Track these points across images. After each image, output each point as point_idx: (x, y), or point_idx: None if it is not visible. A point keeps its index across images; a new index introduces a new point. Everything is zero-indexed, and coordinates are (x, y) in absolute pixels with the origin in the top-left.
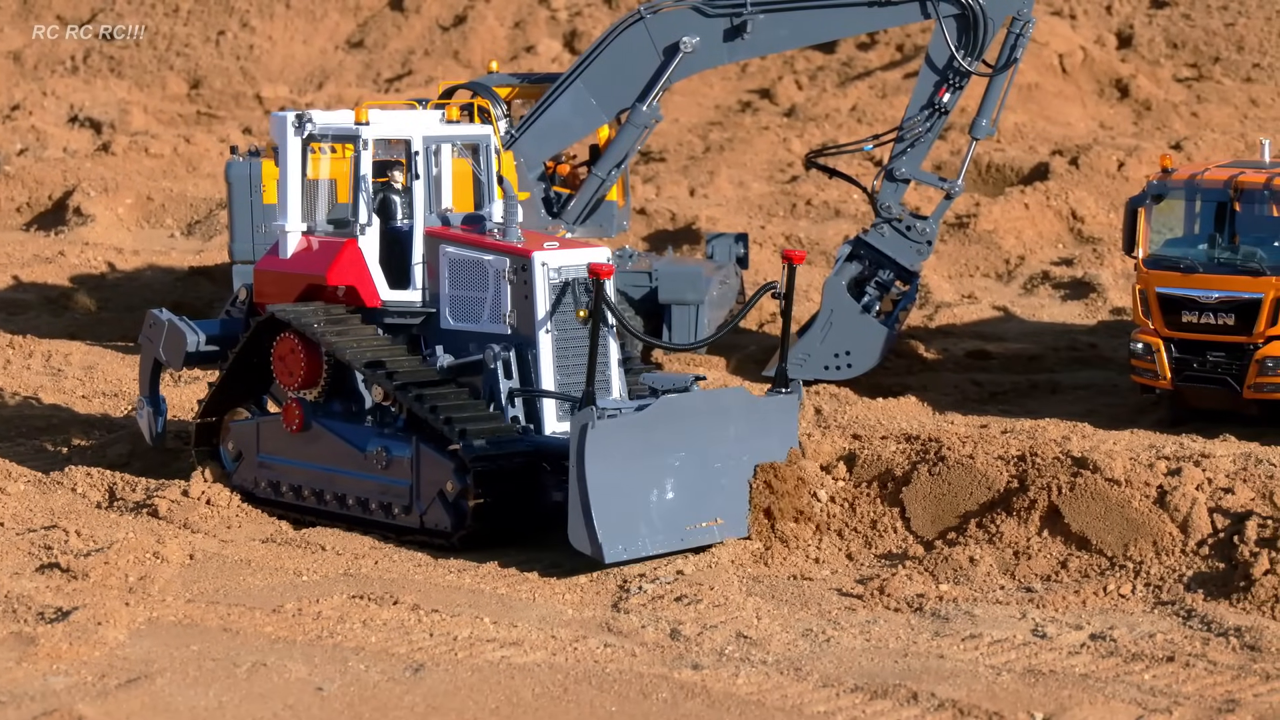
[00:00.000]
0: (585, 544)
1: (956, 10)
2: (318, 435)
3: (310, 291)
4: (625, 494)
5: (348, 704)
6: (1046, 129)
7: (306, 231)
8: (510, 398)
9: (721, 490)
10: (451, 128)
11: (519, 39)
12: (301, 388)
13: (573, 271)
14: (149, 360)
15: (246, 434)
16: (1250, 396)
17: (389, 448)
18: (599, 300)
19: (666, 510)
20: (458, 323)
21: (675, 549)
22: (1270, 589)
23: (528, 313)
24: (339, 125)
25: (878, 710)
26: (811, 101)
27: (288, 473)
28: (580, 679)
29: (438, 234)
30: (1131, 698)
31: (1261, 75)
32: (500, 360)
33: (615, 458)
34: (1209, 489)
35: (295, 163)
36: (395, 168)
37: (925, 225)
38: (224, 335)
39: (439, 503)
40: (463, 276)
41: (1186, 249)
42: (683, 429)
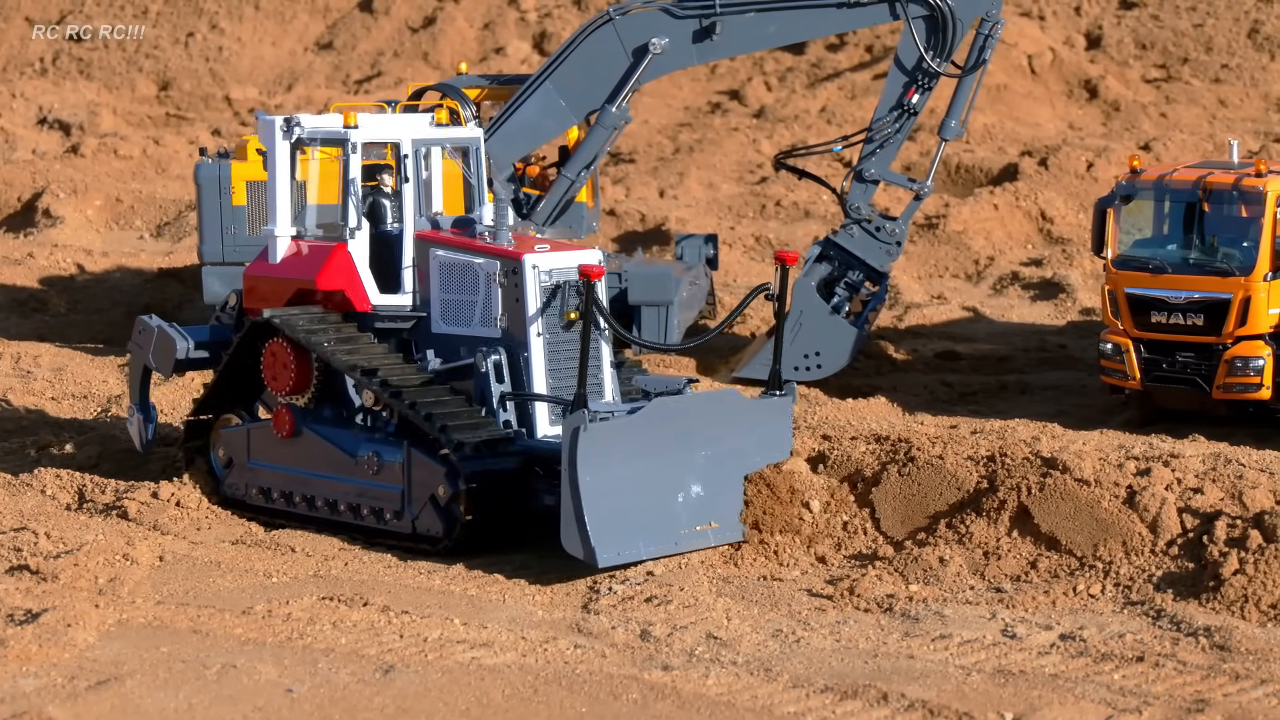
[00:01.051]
0: (578, 548)
1: (925, 11)
2: (308, 441)
3: (300, 296)
4: (618, 498)
5: (318, 706)
6: (1015, 130)
7: (296, 236)
8: (502, 401)
9: (716, 493)
10: (441, 131)
11: (488, 40)
12: (291, 393)
13: (564, 274)
14: (139, 367)
15: (237, 440)
16: (1219, 397)
17: (380, 453)
18: (590, 301)
19: (660, 514)
20: (448, 326)
21: (669, 553)
22: (1239, 589)
23: (519, 316)
24: (327, 129)
25: (848, 711)
26: (781, 103)
27: (279, 479)
28: (550, 680)
29: (428, 237)
30: (1101, 698)
31: (1230, 76)
32: (491, 364)
33: (608, 461)
34: (1178, 489)
35: (284, 167)
36: (385, 171)
37: (894, 226)
38: (213, 341)
39: (430, 508)
40: (453, 280)
41: (1155, 250)
42: (676, 432)
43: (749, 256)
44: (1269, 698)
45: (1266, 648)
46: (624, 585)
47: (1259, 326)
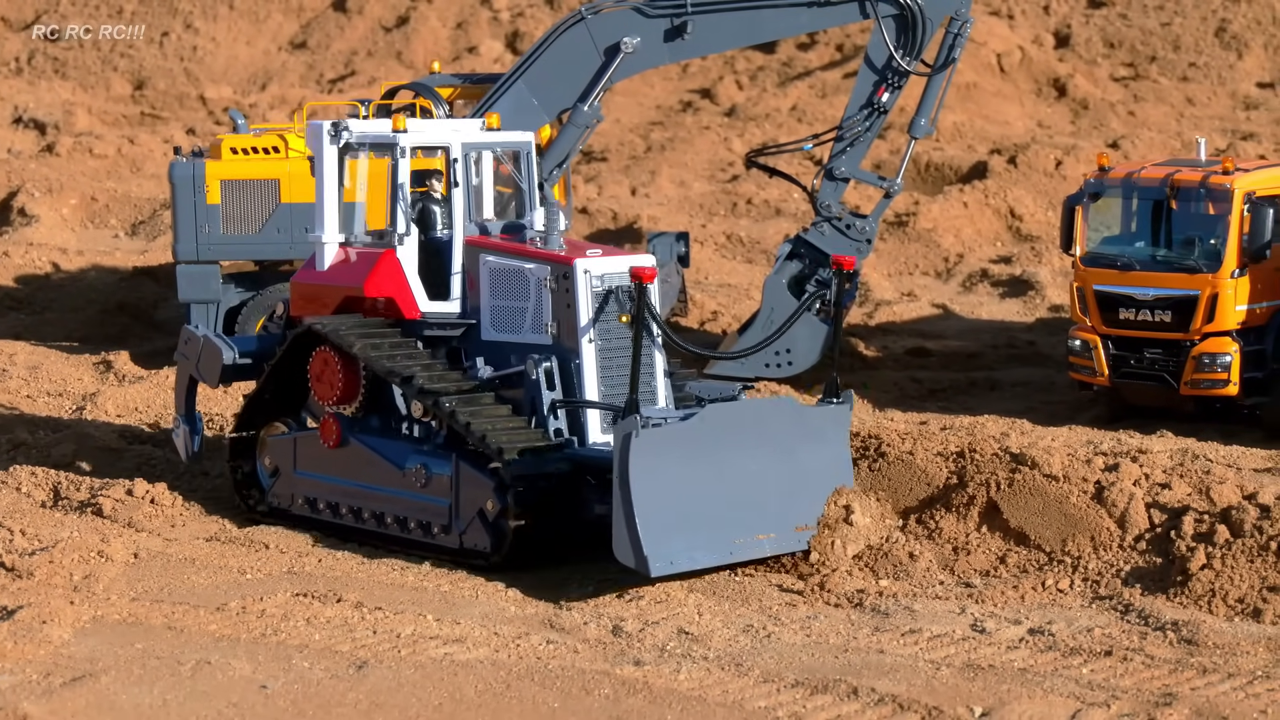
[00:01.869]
0: (630, 557)
1: (895, 10)
2: (355, 451)
3: (348, 304)
4: (671, 505)
5: (292, 702)
6: (985, 128)
7: (344, 243)
8: (553, 409)
9: (770, 503)
10: (492, 135)
11: (461, 40)
12: (339, 403)
13: (615, 279)
14: (184, 377)
15: (283, 449)
16: (1187, 393)
17: (428, 465)
18: (641, 304)
19: (713, 522)
20: (498, 334)
21: (723, 562)
22: (1207, 583)
23: (570, 322)
24: (375, 133)
25: (818, 705)
26: (752, 101)
27: (325, 489)
28: (523, 675)
29: (477, 243)
30: (1070, 691)
31: (1197, 74)
32: (542, 371)
33: (660, 468)
34: (1146, 485)
35: (332, 173)
36: (434, 176)
37: (865, 224)
38: (260, 350)
39: (479, 522)
40: (503, 286)
41: (1123, 247)
42: (729, 439)
43: (720, 254)
44: (1236, 691)
45: (1234, 642)
46: (595, 581)
47: (1226, 323)
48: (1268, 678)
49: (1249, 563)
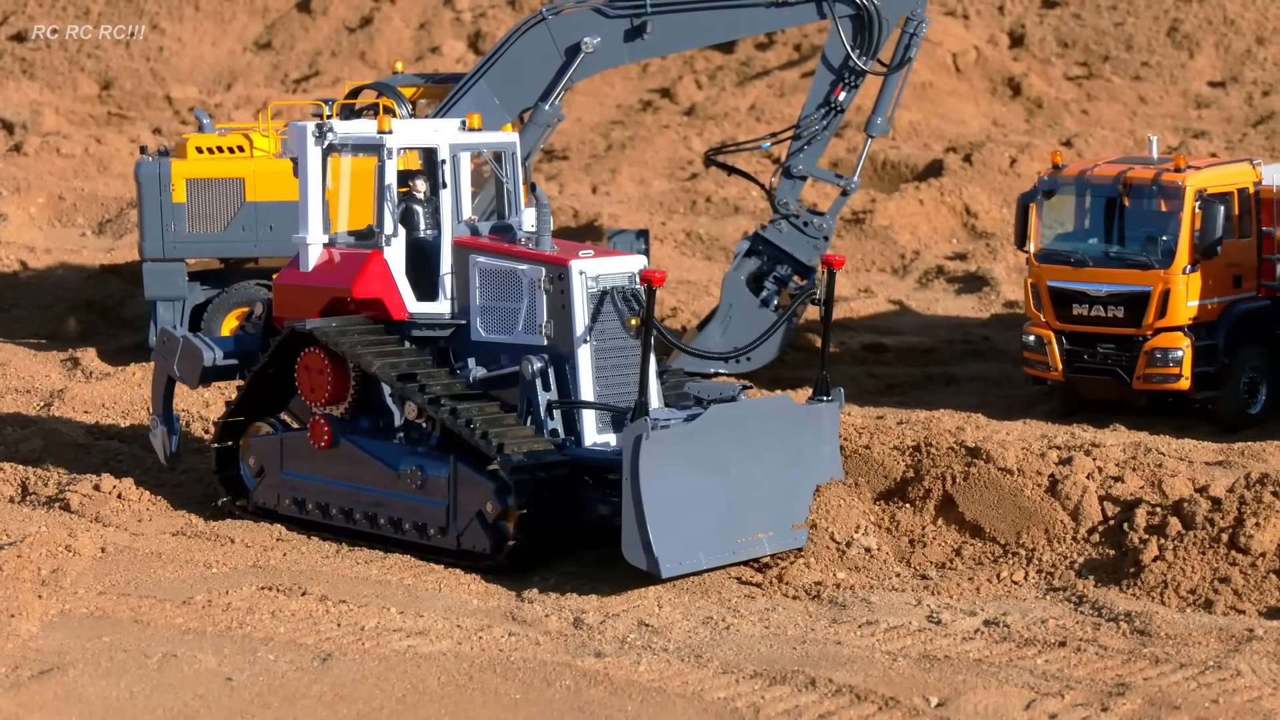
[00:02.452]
0: (641, 559)
1: (852, 11)
2: (346, 452)
3: (335, 305)
4: (679, 507)
5: (257, 693)
6: (941, 126)
7: (328, 244)
8: (549, 409)
9: (772, 500)
10: (477, 135)
11: (424, 40)
12: (328, 403)
13: (610, 280)
14: (162, 378)
15: (269, 449)
16: (1139, 387)
17: (424, 467)
18: (651, 307)
19: (719, 522)
20: (490, 334)
21: (728, 562)
22: (1159, 575)
23: (565, 323)
24: (360, 134)
25: (776, 696)
26: (711, 100)
27: (314, 490)
28: (485, 667)
29: (467, 244)
30: (1024, 682)
31: (1150, 74)
32: (537, 371)
33: (669, 469)
34: (1099, 478)
35: (316, 174)
36: (417, 176)
37: (822, 221)
38: (239, 351)
39: (478, 524)
40: (495, 287)
41: (1077, 243)
42: (732, 439)
43: (680, 251)
44: (1188, 681)
45: (1185, 632)
46: (557, 574)
47: (1178, 318)
48: (1219, 668)
49: (1200, 555)
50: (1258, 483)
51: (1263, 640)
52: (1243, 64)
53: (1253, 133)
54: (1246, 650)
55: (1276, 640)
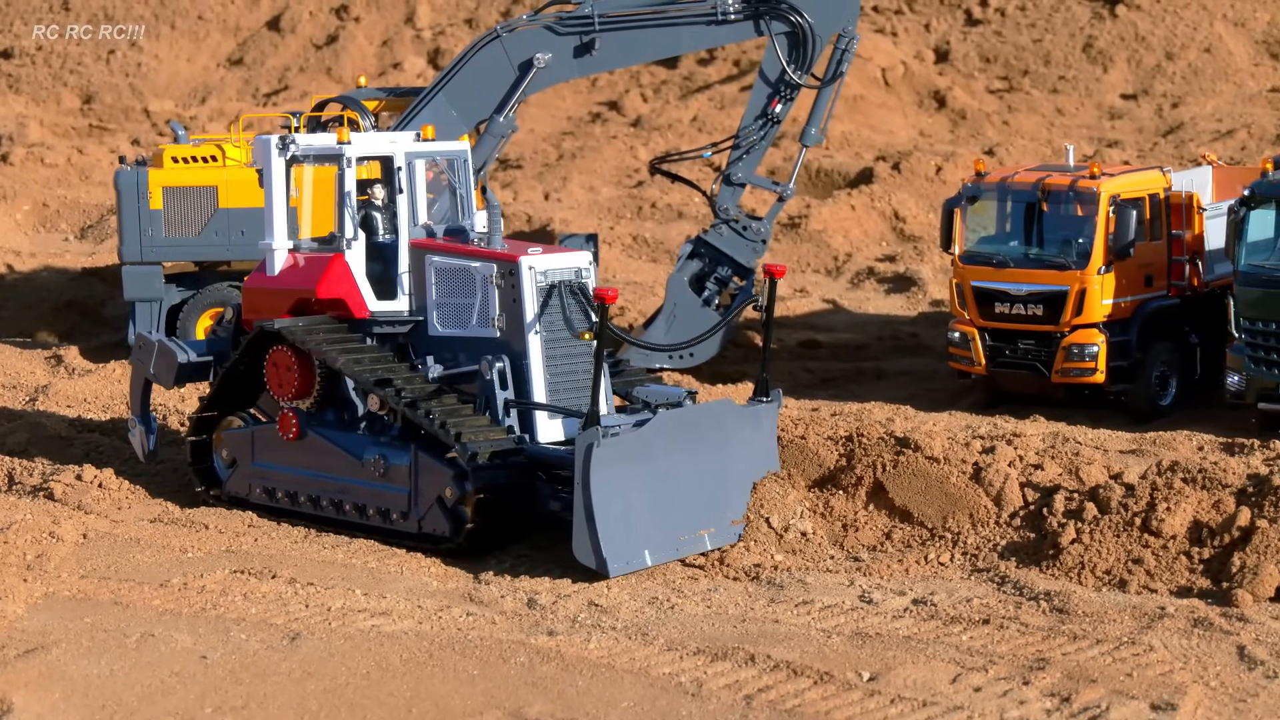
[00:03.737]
0: (590, 559)
1: (787, 28)
2: (313, 443)
3: (300, 306)
4: (627, 510)
5: (230, 671)
6: (871, 137)
7: (293, 248)
8: (506, 408)
9: (713, 499)
10: (430, 144)
11: (387, 56)
12: (296, 398)
13: (558, 274)
14: (140, 380)
15: (241, 442)
16: (1058, 381)
17: (386, 456)
18: (603, 323)
19: (664, 522)
20: (446, 329)
21: (672, 559)
22: (1076, 556)
23: (516, 316)
24: (321, 146)
25: (718, 671)
26: (656, 112)
27: (283, 479)
28: (444, 645)
29: (423, 245)
30: (950, 657)
31: (1066, 87)
32: (496, 371)
33: (618, 475)
34: (1020, 465)
35: (280, 183)
36: (374, 184)
37: (760, 225)
38: (211, 352)
39: (438, 508)
40: (450, 284)
41: (998, 246)
42: (679, 442)
43: (627, 254)
44: (1104, 656)
45: (1101, 610)
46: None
47: (1094, 316)
48: (1133, 643)
49: (1115, 537)
50: (1168, 470)
51: (1173, 617)
52: (1153, 78)
53: (1163, 142)
54: (1158, 627)
55: (1186, 617)
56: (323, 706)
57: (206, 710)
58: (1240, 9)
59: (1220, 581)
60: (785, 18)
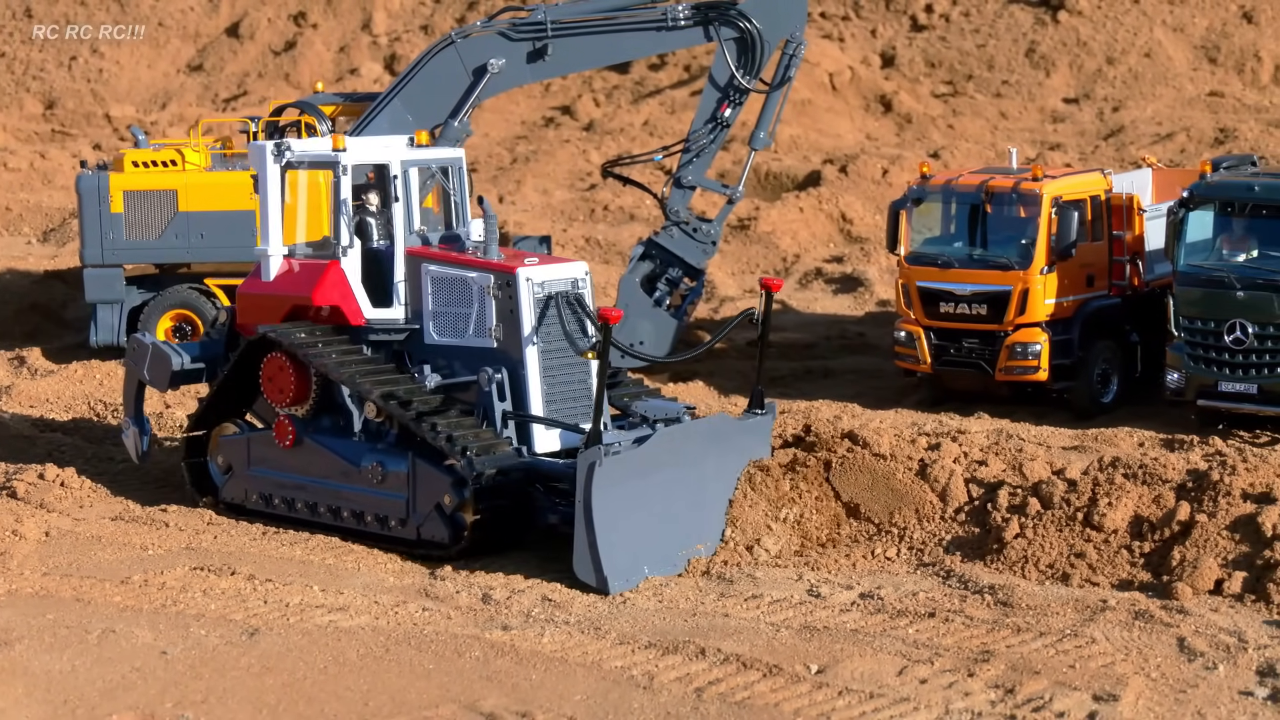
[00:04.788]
0: (591, 577)
1: (736, 34)
2: (310, 450)
3: (296, 312)
4: (627, 527)
5: (189, 666)
6: (818, 140)
7: (288, 255)
8: (505, 419)
9: (710, 513)
10: (425, 151)
11: (344, 62)
12: (292, 404)
13: (555, 285)
14: (133, 382)
15: (236, 448)
16: (1001, 379)
17: (384, 462)
18: (607, 342)
19: (663, 538)
20: (442, 338)
21: (669, 573)
22: (1020, 551)
23: (513, 326)
24: (316, 152)
25: (669, 664)
26: (608, 117)
27: (279, 486)
28: (401, 640)
29: (419, 253)
30: (897, 650)
31: (1010, 91)
32: (495, 383)
33: (619, 493)
34: (965, 462)
35: (275, 189)
36: (368, 191)
37: (710, 227)
38: (205, 356)
39: (436, 515)
40: (446, 294)
41: (943, 247)
42: (677, 458)
43: (580, 256)
44: (1047, 648)
45: (1044, 603)
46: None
47: (1036, 315)
48: (1075, 635)
49: (1058, 532)
50: (1109, 465)
51: (1115, 610)
52: (1094, 82)
53: (1104, 145)
54: (1100, 619)
55: (1128, 610)
56: (281, 701)
57: (167, 705)
58: (1179, 15)
59: (1160, 575)
60: (734, 24)
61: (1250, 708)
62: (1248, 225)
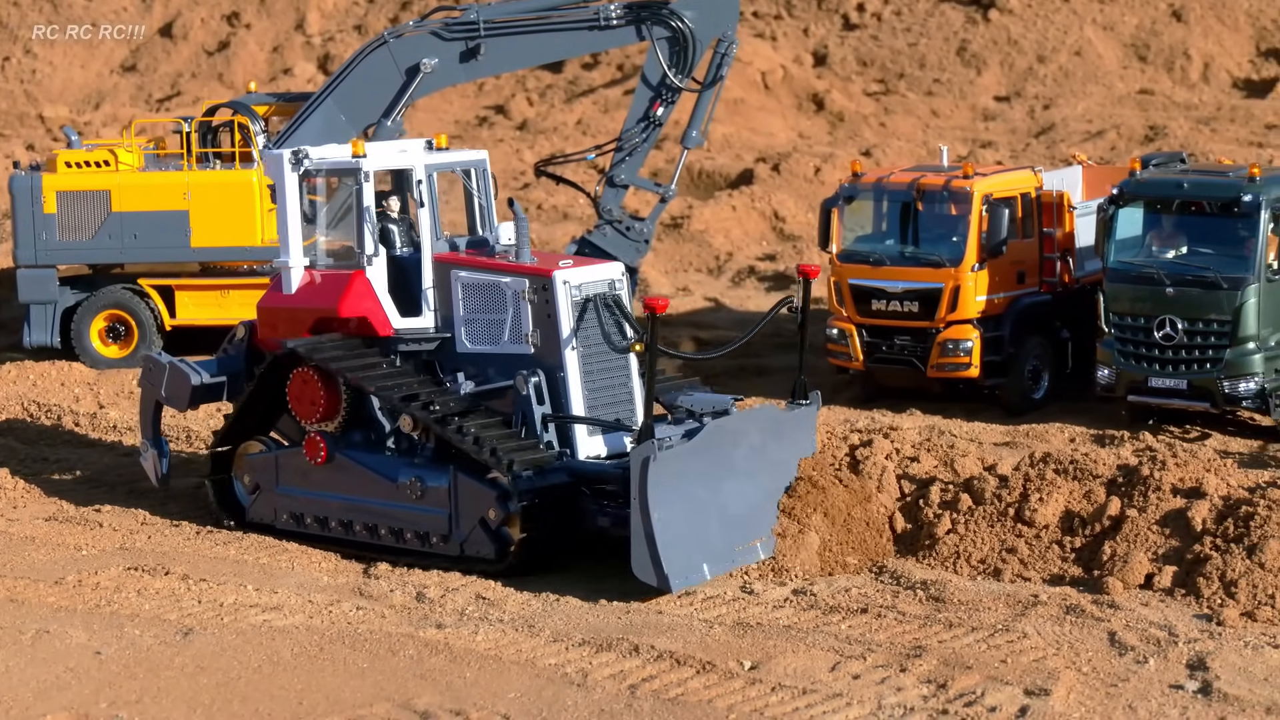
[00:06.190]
0: (651, 576)
1: (668, 33)
2: (343, 466)
3: (321, 325)
4: (684, 523)
5: (124, 666)
6: (751, 139)
7: (309, 266)
8: (544, 423)
9: (761, 507)
10: (448, 155)
11: (277, 62)
12: (321, 420)
13: (592, 288)
14: (150, 403)
15: (264, 466)
16: (933, 375)
17: (423, 477)
18: (654, 335)
19: (720, 533)
20: (476, 346)
21: (728, 570)
22: (952, 546)
23: (550, 332)
24: (335, 159)
25: (603, 661)
26: (541, 116)
27: (311, 504)
28: (335, 639)
29: (448, 259)
30: (830, 646)
31: (941, 89)
32: (532, 386)
33: (675, 488)
34: (897, 458)
35: (294, 198)
36: (388, 196)
37: (643, 226)
38: (224, 372)
39: (481, 530)
40: (479, 300)
41: (875, 244)
42: (730, 451)
43: None
44: (979, 643)
45: (976, 599)
46: None
47: (968, 312)
48: (1007, 630)
49: (989, 527)
50: (1040, 461)
51: (1046, 605)
52: (1025, 80)
53: (1035, 142)
54: (1032, 614)
55: (1059, 605)
56: (215, 700)
57: (101, 705)
58: (1109, 13)
59: (1091, 569)
60: (666, 23)
61: (1181, 701)
62: (1177, 222)
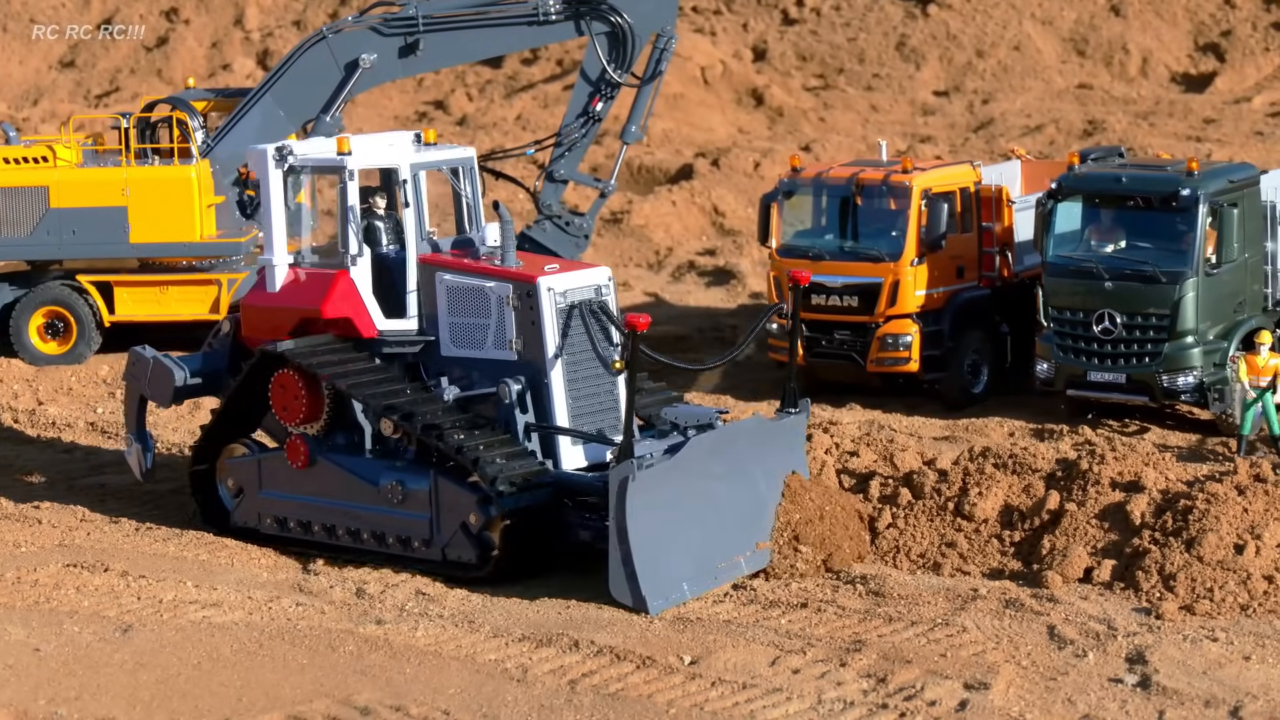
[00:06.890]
0: (628, 596)
1: (607, 28)
2: (324, 470)
3: (304, 325)
4: (664, 543)
5: (63, 663)
6: (691, 134)
7: (293, 263)
8: (527, 432)
9: (746, 521)
10: (434, 152)
11: (216, 58)
12: (304, 422)
13: (577, 294)
14: (134, 398)
15: (247, 470)
16: (873, 370)
17: (404, 481)
18: (635, 352)
19: (701, 551)
20: (459, 350)
21: (709, 588)
22: (891, 541)
23: (535, 338)
24: (319, 156)
25: (543, 657)
26: (481, 111)
27: (294, 508)
28: (275, 635)
29: (433, 261)
30: (770, 640)
31: (880, 84)
32: (515, 394)
33: (654, 508)
34: (837, 453)
35: (278, 195)
36: (374, 194)
37: (583, 221)
38: (207, 369)
39: (462, 535)
40: (462, 304)
41: (814, 239)
42: (713, 467)
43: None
44: (919, 637)
45: (916, 593)
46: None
47: (907, 306)
48: (947, 624)
49: (929, 522)
50: (980, 455)
51: (986, 599)
52: (964, 75)
53: (974, 137)
54: (971, 608)
55: (998, 599)
56: (155, 697)
57: (40, 702)
58: (1048, 8)
59: (1031, 563)
60: (605, 18)
61: (1120, 694)
62: (1115, 216)
